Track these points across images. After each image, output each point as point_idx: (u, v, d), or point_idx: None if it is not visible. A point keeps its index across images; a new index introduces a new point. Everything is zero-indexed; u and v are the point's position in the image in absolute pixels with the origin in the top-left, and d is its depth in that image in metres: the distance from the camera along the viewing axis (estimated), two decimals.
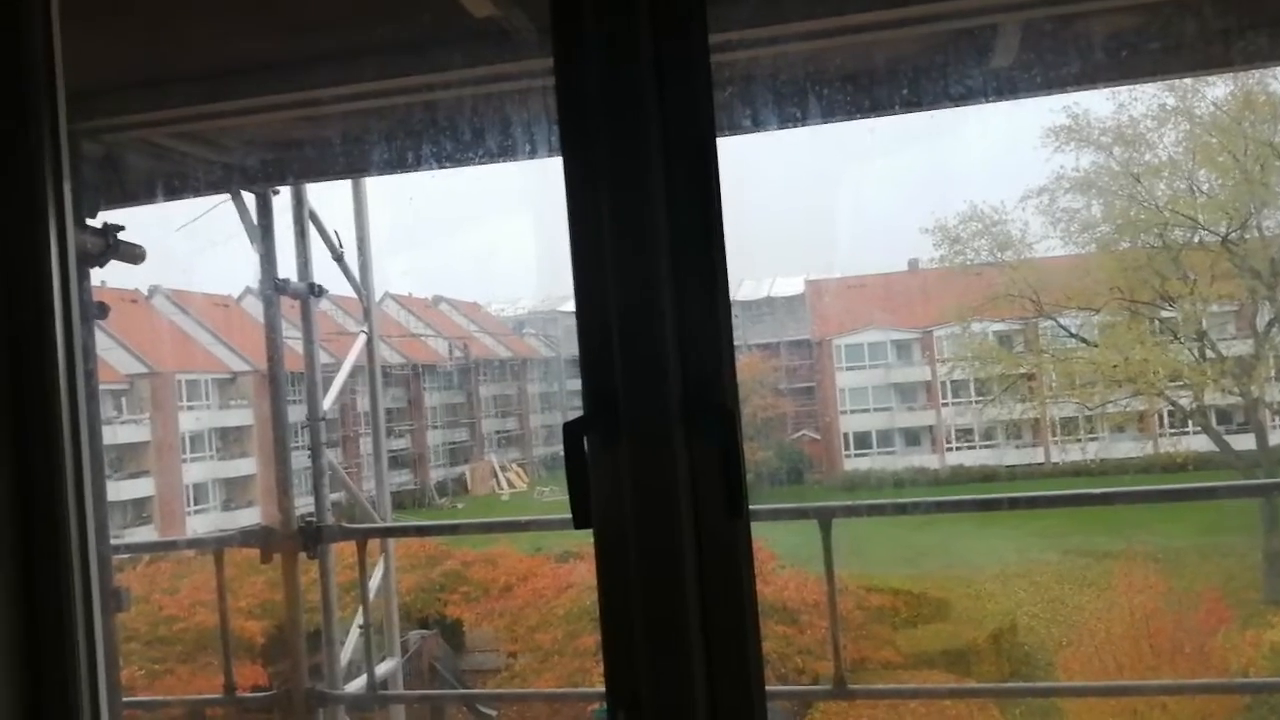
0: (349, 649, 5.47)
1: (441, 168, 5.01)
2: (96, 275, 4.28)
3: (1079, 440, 18.60)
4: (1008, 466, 19.13)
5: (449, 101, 4.18)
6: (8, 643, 1.86)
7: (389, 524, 6.14)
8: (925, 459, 20.58)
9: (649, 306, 1.71)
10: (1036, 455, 19.25)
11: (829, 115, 3.79)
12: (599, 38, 1.76)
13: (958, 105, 4.12)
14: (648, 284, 1.72)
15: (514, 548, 16.12)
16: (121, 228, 3.90)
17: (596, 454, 1.72)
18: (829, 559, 4.33)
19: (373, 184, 6.34)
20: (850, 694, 4.82)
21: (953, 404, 20.32)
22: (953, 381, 20.12)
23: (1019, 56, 3.70)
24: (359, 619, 5.45)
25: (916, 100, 4.02)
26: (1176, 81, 14.66)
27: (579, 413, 1.77)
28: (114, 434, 16.55)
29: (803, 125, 3.91)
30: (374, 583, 5.71)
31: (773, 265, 22.68)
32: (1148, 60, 3.56)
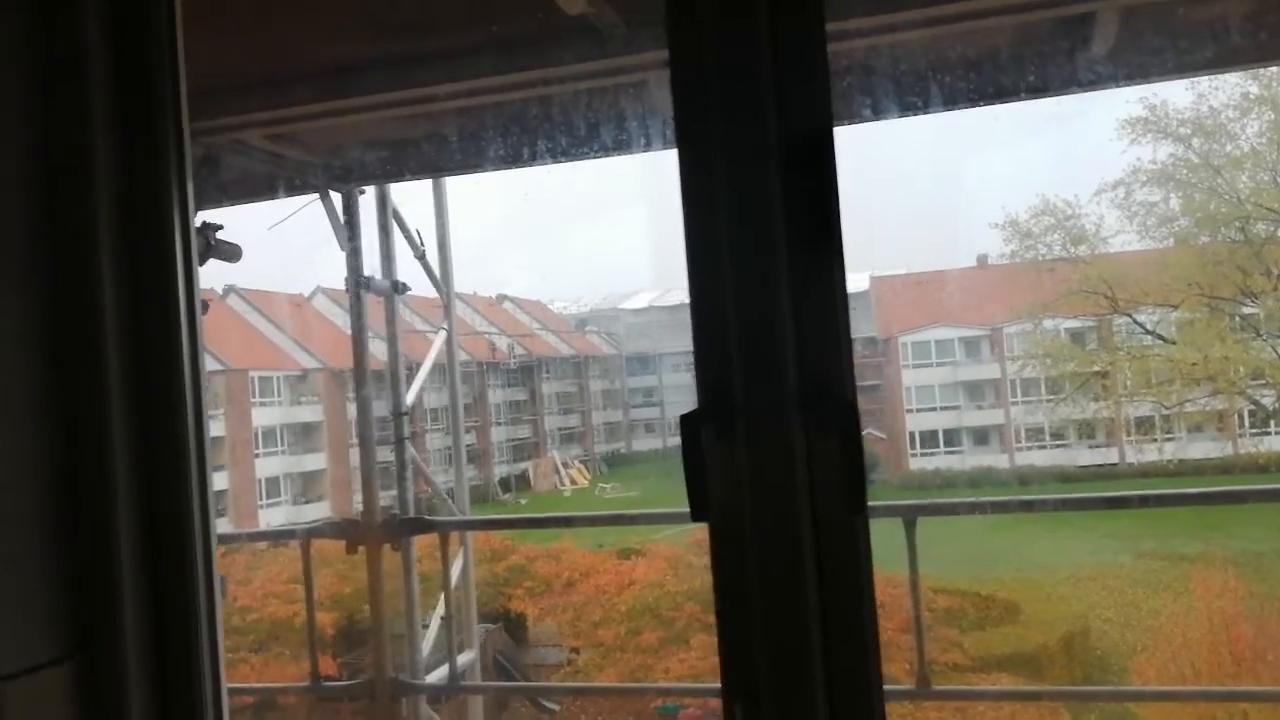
0: (429, 640, 5.56)
1: (517, 166, 5.06)
2: None
3: (1155, 440, 18.12)
4: (1080, 466, 18.71)
5: (529, 100, 4.21)
6: (138, 632, 1.92)
7: (472, 517, 6.22)
8: (994, 459, 20.21)
9: (765, 299, 1.70)
10: (1111, 455, 18.78)
11: (948, 104, 3.74)
12: (715, 28, 1.75)
13: (1060, 94, 4.04)
14: (764, 276, 1.71)
15: (576, 544, 16.21)
16: (220, 227, 4.00)
17: (712, 447, 1.72)
18: (913, 558, 4.28)
19: (451, 182, 6.43)
20: (932, 694, 4.76)
21: (1023, 403, 19.92)
22: (1023, 379, 19.72)
23: (1115, 45, 3.62)
24: (439, 610, 5.53)
25: (1011, 89, 3.95)
26: (1260, 70, 14.20)
27: (639, 410, 1.76)
28: None
29: (921, 114, 3.87)
30: (453, 575, 5.78)
31: None
32: (1254, 46, 3.44)
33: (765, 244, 1.71)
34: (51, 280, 1.91)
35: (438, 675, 5.28)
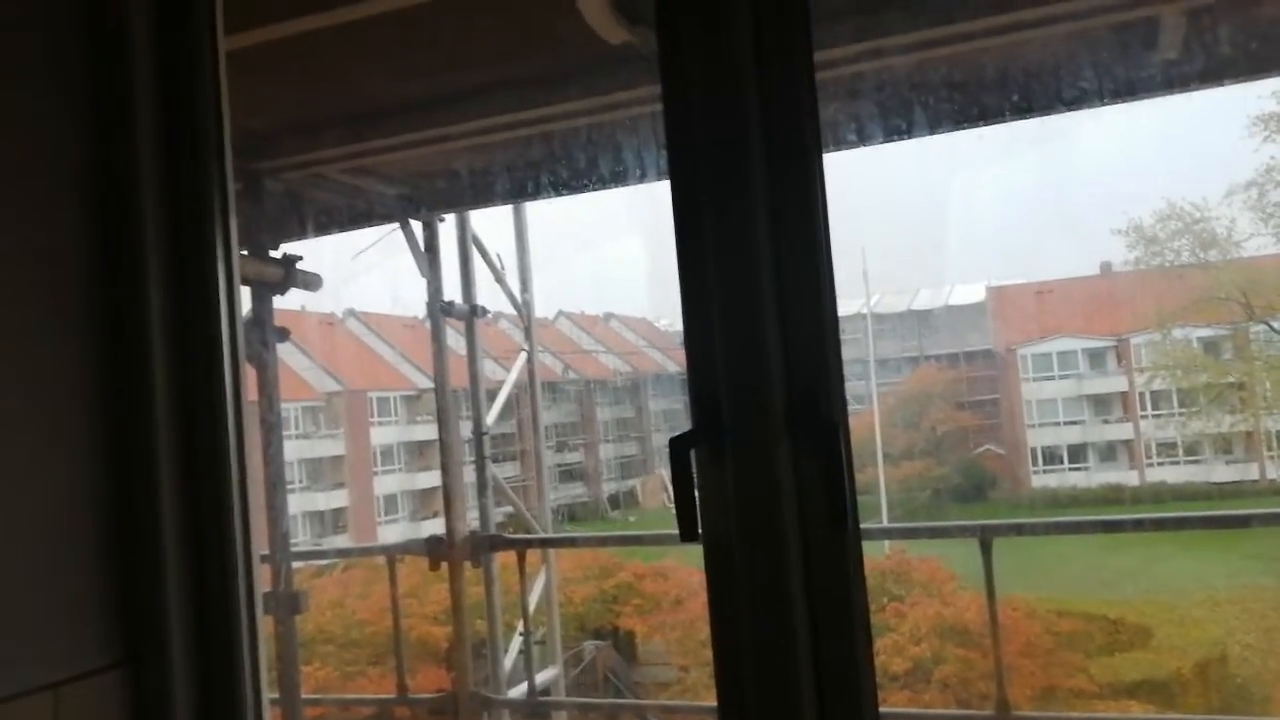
0: (512, 655, 5.70)
1: (590, 190, 5.18)
2: (297, 301, 4.67)
3: None
4: (1215, 484, 17.67)
5: (598, 126, 4.32)
6: (183, 641, 2.06)
7: (544, 535, 6.37)
8: (1123, 475, 19.26)
9: (752, 320, 1.73)
10: (1250, 471, 17.68)
11: (990, 117, 3.68)
12: (703, 59, 1.79)
13: (1131, 100, 3.92)
14: (751, 299, 1.74)
15: (684, 562, 16.20)
16: (299, 258, 4.23)
17: (703, 468, 1.75)
18: (989, 578, 4.16)
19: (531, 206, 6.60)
20: None
21: (1153, 416, 18.95)
22: (1152, 392, 18.79)
23: (1186, 48, 3.48)
24: (520, 627, 5.66)
25: (1077, 99, 3.85)
26: None
27: None
28: (313, 448, 17.82)
29: (974, 127, 3.82)
30: (538, 593, 5.91)
31: (950, 272, 21.88)
32: None
33: (750, 268, 1.74)
34: (106, 318, 2.08)
35: (521, 690, 5.41)
